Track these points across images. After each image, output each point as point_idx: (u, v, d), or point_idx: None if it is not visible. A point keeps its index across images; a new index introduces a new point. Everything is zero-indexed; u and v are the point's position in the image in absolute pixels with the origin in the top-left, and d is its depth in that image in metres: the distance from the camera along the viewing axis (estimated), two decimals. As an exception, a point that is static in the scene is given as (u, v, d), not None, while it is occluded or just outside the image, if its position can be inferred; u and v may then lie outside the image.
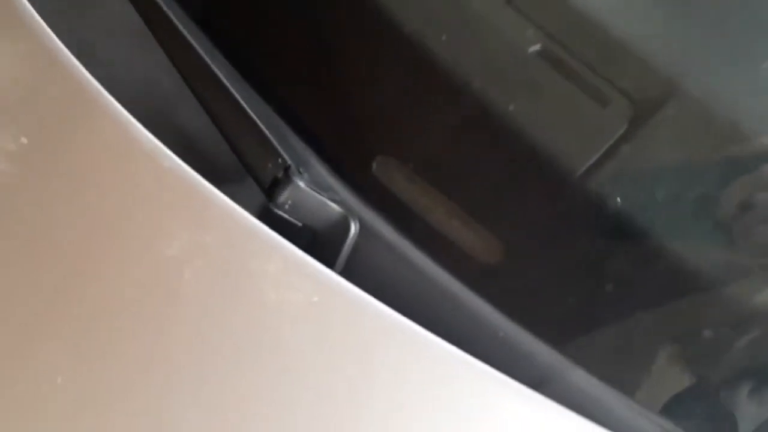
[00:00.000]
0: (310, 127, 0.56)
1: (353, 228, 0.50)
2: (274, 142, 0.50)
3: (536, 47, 0.51)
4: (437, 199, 0.52)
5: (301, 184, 0.48)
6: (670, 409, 0.44)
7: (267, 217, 0.50)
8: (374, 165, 0.54)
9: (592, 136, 0.51)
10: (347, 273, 0.49)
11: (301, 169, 0.49)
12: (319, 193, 0.49)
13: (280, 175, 0.49)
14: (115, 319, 0.46)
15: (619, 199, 0.50)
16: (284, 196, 0.49)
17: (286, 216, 0.49)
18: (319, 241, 0.50)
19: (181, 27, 0.53)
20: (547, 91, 0.51)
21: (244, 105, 0.51)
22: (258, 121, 0.50)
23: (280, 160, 0.49)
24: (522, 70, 0.51)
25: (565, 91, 0.51)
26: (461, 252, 0.51)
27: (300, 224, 0.50)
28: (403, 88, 0.52)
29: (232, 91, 0.52)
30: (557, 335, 0.49)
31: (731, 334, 0.44)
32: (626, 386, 0.47)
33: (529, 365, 0.49)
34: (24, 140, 0.51)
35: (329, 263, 0.50)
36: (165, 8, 0.53)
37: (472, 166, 0.51)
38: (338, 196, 0.52)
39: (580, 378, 0.49)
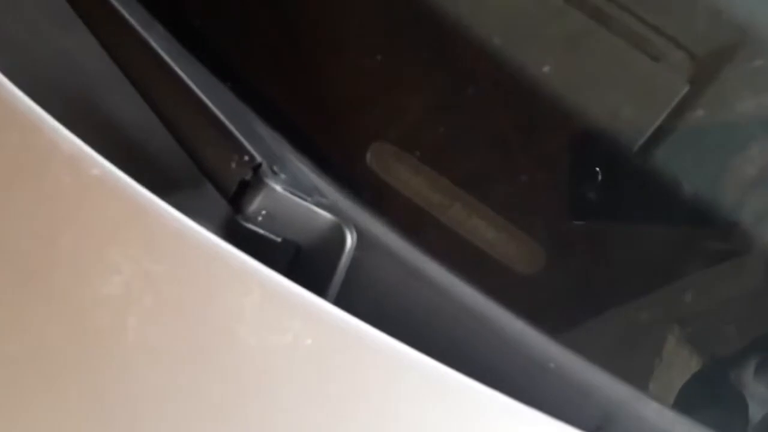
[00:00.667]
0: (283, 112, 0.44)
1: (349, 239, 0.38)
2: (238, 135, 0.38)
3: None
4: (454, 194, 0.40)
5: (277, 187, 0.36)
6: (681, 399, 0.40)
7: (234, 234, 0.39)
8: (369, 155, 0.42)
9: (646, 101, 0.40)
10: (346, 300, 0.37)
11: (275, 168, 0.37)
12: (300, 197, 0.37)
13: (249, 177, 0.37)
14: (31, 390, 0.34)
15: (687, 181, 0.39)
16: (255, 205, 0.37)
17: (259, 230, 0.37)
18: (305, 261, 0.39)
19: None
20: (587, 49, 0.40)
21: (195, 89, 0.39)
22: (215, 109, 0.38)
23: (246, 158, 0.37)
24: (555, 21, 0.39)
25: (610, 48, 0.40)
26: (490, 260, 0.40)
27: (279, 239, 0.38)
28: (405, 48, 0.40)
29: (179, 72, 0.40)
30: (623, 362, 0.38)
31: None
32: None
33: (589, 402, 0.38)
34: None
35: (321, 289, 0.38)
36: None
37: (496, 149, 0.40)
38: (326, 199, 0.40)
39: (654, 412, 0.38)
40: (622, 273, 0.40)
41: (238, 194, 0.37)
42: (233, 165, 0.37)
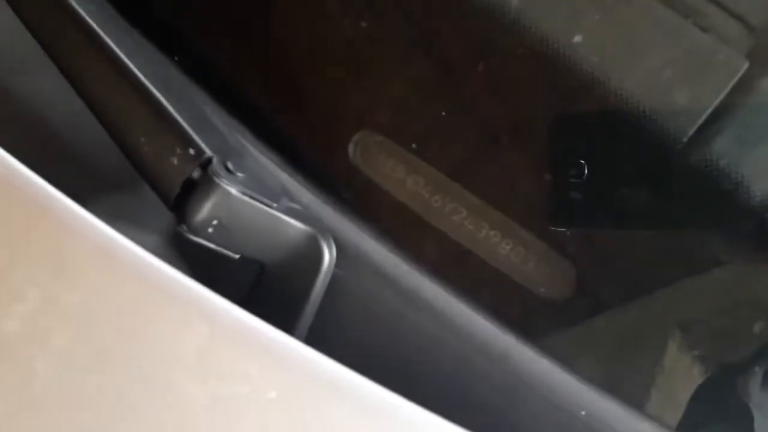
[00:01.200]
0: (243, 92, 0.36)
1: (326, 255, 0.30)
2: (180, 120, 0.29)
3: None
4: (461, 199, 0.32)
5: (232, 189, 0.28)
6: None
7: (178, 250, 0.30)
8: (352, 148, 0.33)
9: (699, 81, 0.32)
10: (322, 336, 0.29)
11: (230, 165, 0.28)
12: (263, 203, 0.29)
13: (195, 176, 0.28)
14: None
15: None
16: (204, 213, 0.28)
17: (209, 245, 0.29)
18: (270, 285, 0.30)
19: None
20: (624, 17, 0.32)
21: (129, 63, 0.30)
22: (150, 86, 0.30)
23: (192, 151, 0.28)
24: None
25: (656, 18, 0.32)
26: (508, 283, 0.31)
27: (236, 257, 0.30)
28: (392, 10, 0.32)
29: (109, 41, 0.31)
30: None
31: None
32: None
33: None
34: None
35: (290, 322, 0.30)
36: None
37: (515, 140, 0.32)
38: (297, 204, 0.31)
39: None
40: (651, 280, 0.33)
41: (182, 198, 0.29)
42: (174, 160, 0.28)
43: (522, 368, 0.30)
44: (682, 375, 0.37)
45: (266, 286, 0.30)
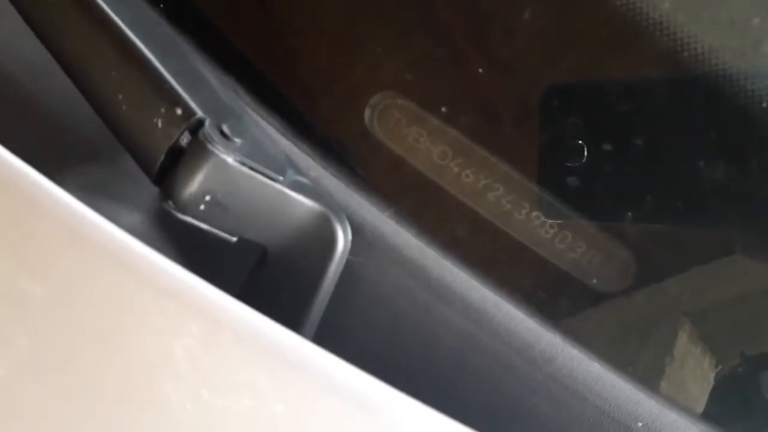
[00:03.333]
0: (241, 45, 0.31)
1: (340, 238, 0.25)
2: (167, 75, 0.24)
3: None
4: (498, 173, 0.27)
5: (228, 158, 0.23)
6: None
7: (165, 232, 0.25)
8: (369, 113, 0.28)
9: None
10: (333, 335, 0.25)
11: (225, 129, 0.23)
12: (266, 175, 0.24)
13: (184, 140, 0.23)
14: None
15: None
16: (194, 186, 0.23)
17: (201, 225, 0.24)
18: (274, 273, 0.25)
19: None
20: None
21: (102, 4, 0.25)
22: (130, 34, 0.24)
23: (179, 111, 0.23)
24: None
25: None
26: (553, 272, 0.27)
27: (233, 239, 0.25)
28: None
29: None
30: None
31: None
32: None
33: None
34: None
35: (296, 319, 0.25)
36: None
37: (562, 98, 0.27)
38: (305, 177, 0.26)
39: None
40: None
41: (168, 169, 0.24)
42: (158, 122, 0.23)
43: (568, 371, 0.26)
44: (692, 366, 0.33)
45: (269, 274, 0.25)
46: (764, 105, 0.26)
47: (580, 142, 0.28)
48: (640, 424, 0.25)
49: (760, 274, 0.33)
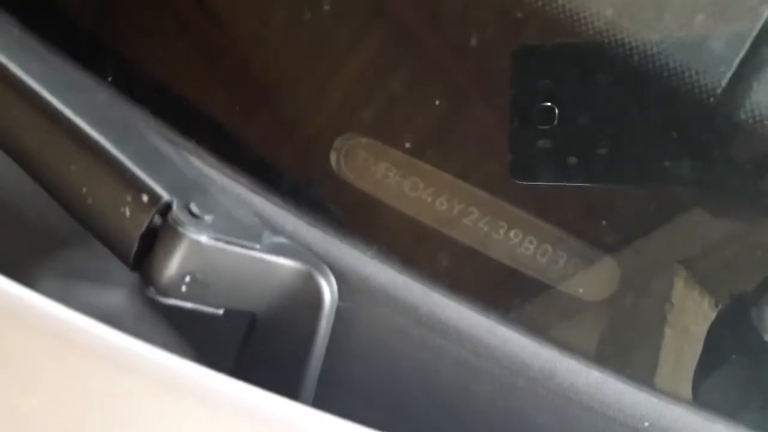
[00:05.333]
0: (196, 106, 0.30)
1: (326, 292, 0.25)
2: (126, 161, 0.23)
3: None
4: (469, 196, 0.27)
5: (202, 237, 0.23)
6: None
7: (153, 307, 0.25)
8: (334, 156, 0.28)
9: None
10: (334, 387, 0.25)
11: (193, 207, 0.23)
12: (242, 246, 0.24)
13: (158, 221, 0.23)
14: None
15: None
16: (173, 269, 0.23)
17: (186, 305, 0.24)
18: (265, 338, 0.25)
19: None
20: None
21: (48, 96, 0.25)
22: (82, 123, 0.24)
23: (146, 198, 0.23)
24: None
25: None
26: (537, 287, 0.27)
27: (220, 312, 0.25)
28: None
29: (17, 72, 0.25)
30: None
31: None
32: None
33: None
34: None
35: (293, 379, 0.25)
36: None
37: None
38: (282, 236, 0.26)
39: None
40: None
41: (144, 255, 0.23)
42: (126, 211, 0.23)
43: (570, 384, 0.26)
44: (692, 309, 0.34)
45: (261, 341, 0.25)
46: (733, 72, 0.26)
47: (551, 104, 0.29)
48: (647, 423, 0.26)
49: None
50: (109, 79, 0.29)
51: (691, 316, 0.34)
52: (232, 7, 0.30)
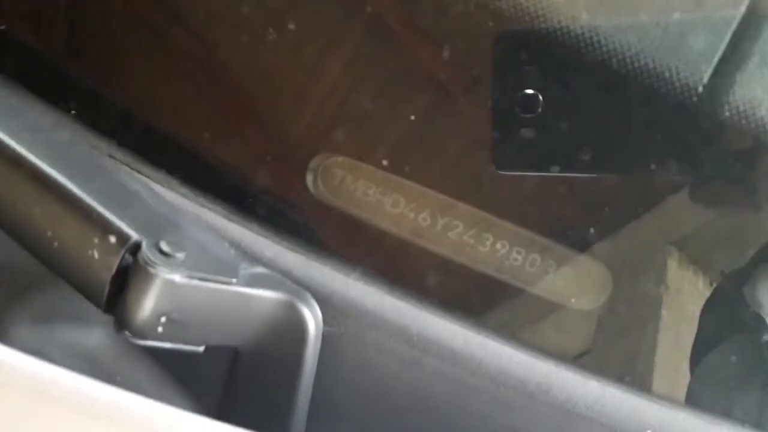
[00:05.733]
0: (164, 134, 0.29)
1: (310, 321, 0.24)
2: (90, 201, 0.22)
3: None
4: (452, 209, 0.26)
5: (175, 276, 0.22)
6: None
7: (130, 356, 0.24)
8: (310, 177, 0.27)
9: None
10: (326, 415, 0.24)
11: (164, 245, 0.22)
12: (218, 281, 0.23)
13: (128, 260, 0.22)
14: None
15: None
16: (147, 311, 0.22)
17: (165, 346, 0.23)
18: (249, 372, 0.24)
19: None
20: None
21: (6, 137, 0.24)
22: (42, 164, 0.23)
23: (113, 238, 0.22)
24: None
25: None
26: (527, 298, 0.26)
27: (200, 349, 0.24)
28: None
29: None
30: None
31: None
32: None
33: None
34: None
35: (286, 411, 0.24)
36: None
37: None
38: (259, 261, 0.25)
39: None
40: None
41: (116, 297, 0.22)
42: (94, 254, 0.22)
43: (567, 397, 0.25)
44: (688, 290, 0.33)
45: (246, 375, 0.24)
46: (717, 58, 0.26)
47: (534, 91, 0.28)
48: (649, 431, 0.25)
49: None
50: (72, 111, 0.28)
51: (687, 297, 0.33)
52: (199, 35, 0.29)
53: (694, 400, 0.33)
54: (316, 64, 0.30)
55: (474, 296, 0.27)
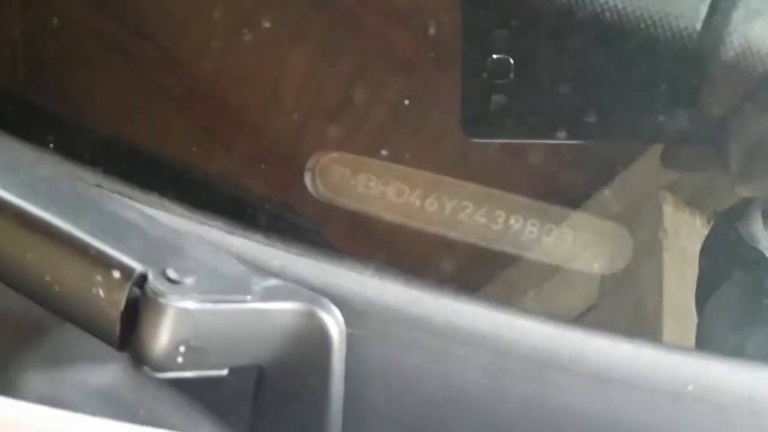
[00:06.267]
0: (154, 150, 0.28)
1: (332, 327, 0.23)
2: (86, 237, 0.21)
3: None
4: (459, 190, 0.26)
5: (188, 303, 0.21)
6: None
7: (150, 387, 0.24)
8: (309, 178, 0.26)
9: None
10: (364, 415, 0.23)
11: (171, 272, 0.21)
12: (232, 301, 0.22)
13: (136, 294, 0.21)
14: None
15: None
16: (163, 344, 0.21)
17: (187, 375, 0.22)
18: (276, 388, 0.24)
19: None
20: None
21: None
22: (31, 208, 0.22)
23: (117, 273, 0.21)
24: None
25: None
26: (549, 270, 0.25)
27: (224, 373, 0.23)
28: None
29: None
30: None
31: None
32: None
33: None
34: None
35: (321, 423, 0.23)
36: None
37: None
38: (269, 272, 0.25)
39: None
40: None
41: (128, 333, 0.22)
42: (99, 292, 0.21)
43: (603, 364, 0.25)
44: (686, 231, 0.33)
45: (272, 391, 0.24)
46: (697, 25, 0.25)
47: (506, 55, 0.27)
48: (690, 387, 0.25)
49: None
50: (51, 145, 0.27)
51: (686, 238, 0.33)
52: (167, 47, 0.28)
53: (704, 342, 0.32)
54: (288, 60, 0.29)
55: (496, 276, 0.26)
